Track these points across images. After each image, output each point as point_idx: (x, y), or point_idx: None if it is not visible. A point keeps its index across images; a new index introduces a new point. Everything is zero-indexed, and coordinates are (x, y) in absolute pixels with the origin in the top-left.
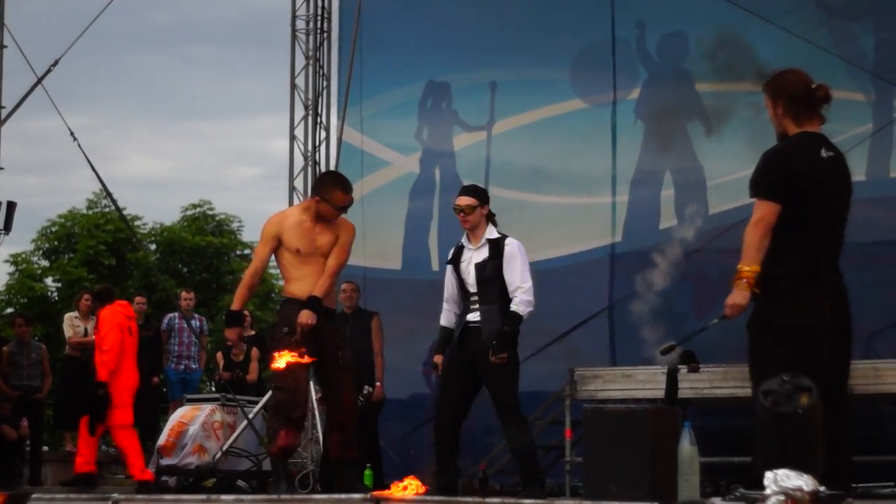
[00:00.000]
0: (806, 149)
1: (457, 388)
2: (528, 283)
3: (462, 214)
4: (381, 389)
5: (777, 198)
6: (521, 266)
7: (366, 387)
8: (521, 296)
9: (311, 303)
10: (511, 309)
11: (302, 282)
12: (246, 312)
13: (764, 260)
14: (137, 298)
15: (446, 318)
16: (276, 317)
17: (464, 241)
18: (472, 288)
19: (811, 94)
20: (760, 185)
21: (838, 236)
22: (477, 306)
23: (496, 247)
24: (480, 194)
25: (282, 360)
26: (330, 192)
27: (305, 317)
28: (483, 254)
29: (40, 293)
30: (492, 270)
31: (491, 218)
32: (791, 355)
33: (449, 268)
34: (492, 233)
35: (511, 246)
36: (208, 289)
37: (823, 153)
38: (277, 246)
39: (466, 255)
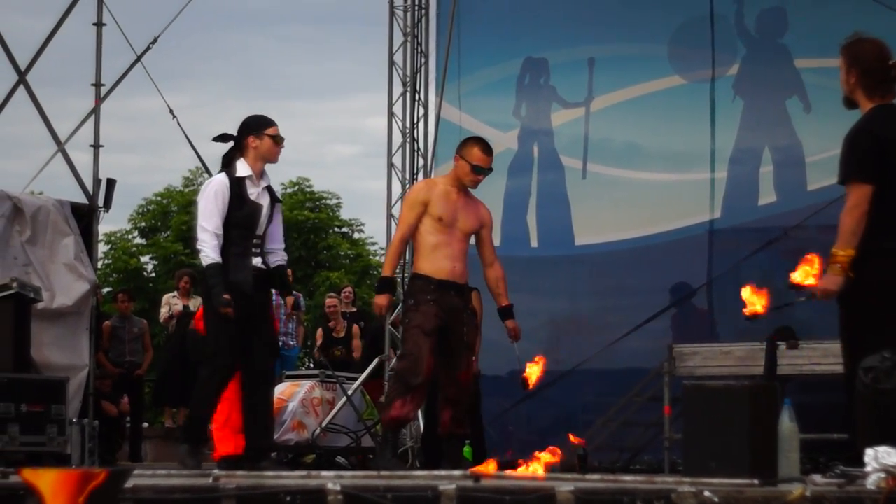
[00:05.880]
0: (886, 123)
1: None
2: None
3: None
4: (477, 364)
5: (870, 178)
6: None
7: None
8: None
9: (508, 312)
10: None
11: (434, 255)
12: (349, 288)
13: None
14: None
15: None
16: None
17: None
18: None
19: (887, 69)
20: (853, 167)
21: None
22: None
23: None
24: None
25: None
26: (468, 150)
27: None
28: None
29: (134, 267)
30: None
31: None
32: (885, 328)
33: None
34: None
35: None
36: (306, 265)
37: None
38: (421, 213)
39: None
